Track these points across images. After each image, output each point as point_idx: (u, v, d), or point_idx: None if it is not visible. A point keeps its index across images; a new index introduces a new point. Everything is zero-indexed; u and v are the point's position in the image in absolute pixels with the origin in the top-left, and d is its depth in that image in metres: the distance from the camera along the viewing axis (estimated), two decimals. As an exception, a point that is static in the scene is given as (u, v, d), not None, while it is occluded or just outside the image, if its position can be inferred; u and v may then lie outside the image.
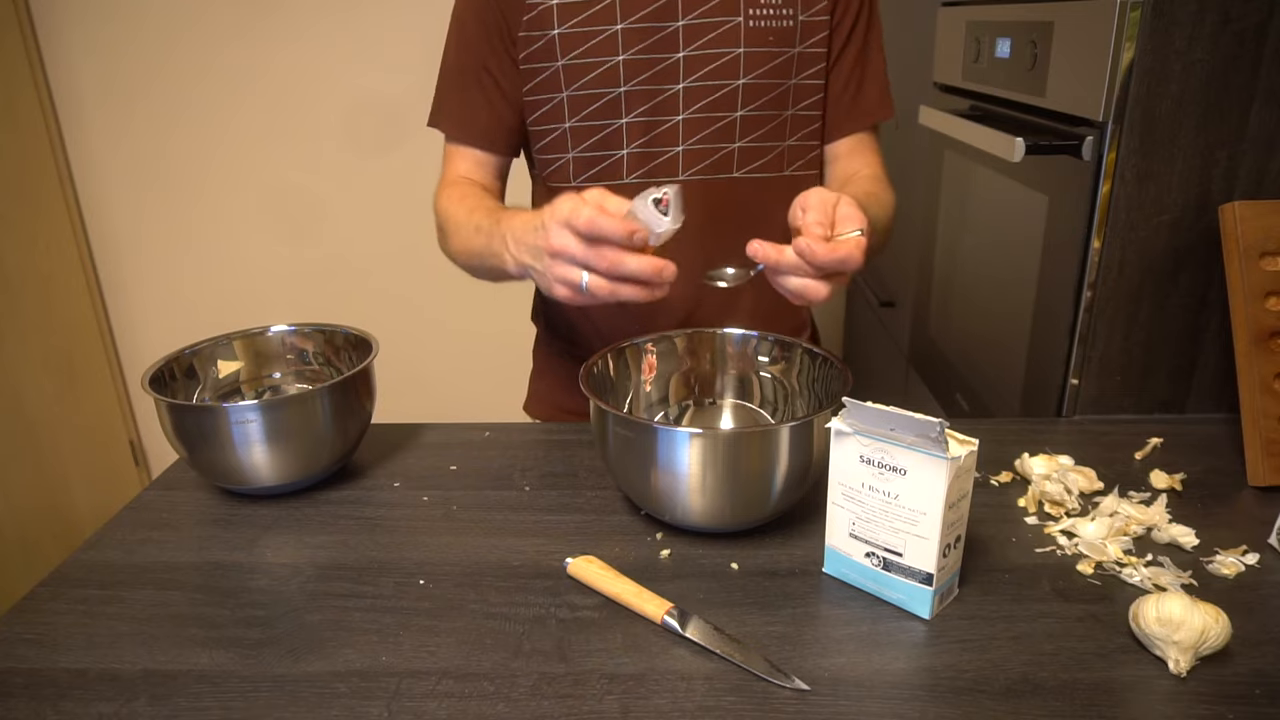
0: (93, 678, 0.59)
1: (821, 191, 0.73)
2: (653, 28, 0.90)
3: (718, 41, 0.91)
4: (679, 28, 0.90)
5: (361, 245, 2.17)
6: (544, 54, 0.91)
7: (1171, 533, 0.70)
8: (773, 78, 0.93)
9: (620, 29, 0.90)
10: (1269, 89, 0.82)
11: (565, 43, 0.90)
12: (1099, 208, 0.87)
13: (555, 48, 0.91)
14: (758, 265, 0.72)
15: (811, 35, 0.94)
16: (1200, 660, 0.57)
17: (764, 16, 0.91)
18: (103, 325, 2.23)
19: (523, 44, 0.92)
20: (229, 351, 0.89)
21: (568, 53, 0.91)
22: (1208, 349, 0.91)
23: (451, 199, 0.95)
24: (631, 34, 0.90)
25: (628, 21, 0.90)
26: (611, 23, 0.90)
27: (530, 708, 0.55)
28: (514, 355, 1.57)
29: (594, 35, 0.90)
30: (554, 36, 0.90)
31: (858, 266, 0.70)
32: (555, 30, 0.90)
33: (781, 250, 0.70)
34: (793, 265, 0.70)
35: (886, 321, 1.71)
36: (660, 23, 0.90)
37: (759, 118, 0.95)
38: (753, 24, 0.91)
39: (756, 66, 0.92)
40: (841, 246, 0.69)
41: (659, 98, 0.92)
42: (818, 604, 0.65)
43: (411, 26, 1.97)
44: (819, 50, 0.95)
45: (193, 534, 0.76)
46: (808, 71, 0.95)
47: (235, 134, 2.08)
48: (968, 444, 0.60)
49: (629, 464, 0.71)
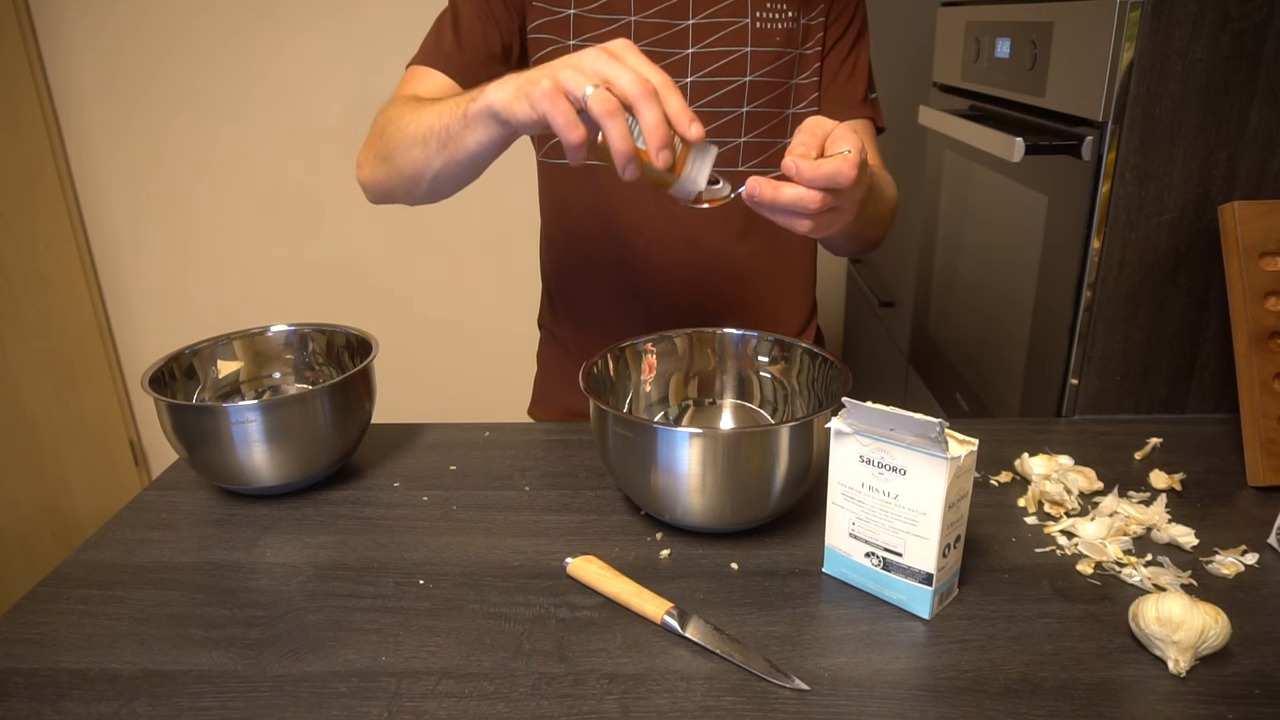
0: (93, 678, 0.59)
1: (817, 117, 0.70)
2: (664, 23, 0.92)
3: (726, 40, 0.93)
4: (689, 25, 0.93)
5: (361, 245, 2.17)
6: (558, 28, 0.93)
7: (1171, 533, 0.70)
8: (776, 77, 0.96)
9: (634, 20, 0.92)
10: (1269, 89, 0.82)
11: (579, 24, 0.92)
12: (1099, 208, 0.87)
13: (569, 26, 0.92)
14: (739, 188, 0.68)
15: (810, 37, 0.97)
16: (1200, 660, 0.57)
17: (770, 19, 0.94)
18: (103, 325, 2.23)
19: (536, 13, 0.92)
20: (229, 351, 0.89)
21: (580, 34, 0.92)
22: (1208, 349, 0.91)
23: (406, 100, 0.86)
24: (644, 27, 0.92)
25: (641, 15, 0.92)
26: (626, 13, 0.92)
27: (530, 708, 0.55)
28: (514, 355, 1.57)
29: (608, 23, 0.92)
30: (569, 16, 0.92)
31: (848, 183, 0.65)
32: (572, 10, 0.92)
33: (778, 187, 0.65)
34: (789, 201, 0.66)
35: (886, 321, 1.71)
36: (672, 19, 0.92)
37: (763, 115, 0.97)
38: (760, 25, 0.94)
39: (762, 65, 0.95)
40: (828, 161, 0.64)
41: None
42: (818, 604, 0.65)
43: (412, 26, 1.96)
44: (816, 50, 0.98)
45: (193, 534, 0.76)
46: (806, 72, 0.98)
47: (235, 134, 2.08)
48: (968, 444, 0.60)
49: (629, 464, 0.71)
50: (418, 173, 0.82)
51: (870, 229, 0.94)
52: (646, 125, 0.62)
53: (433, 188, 0.83)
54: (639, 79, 0.62)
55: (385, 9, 1.97)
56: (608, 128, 0.63)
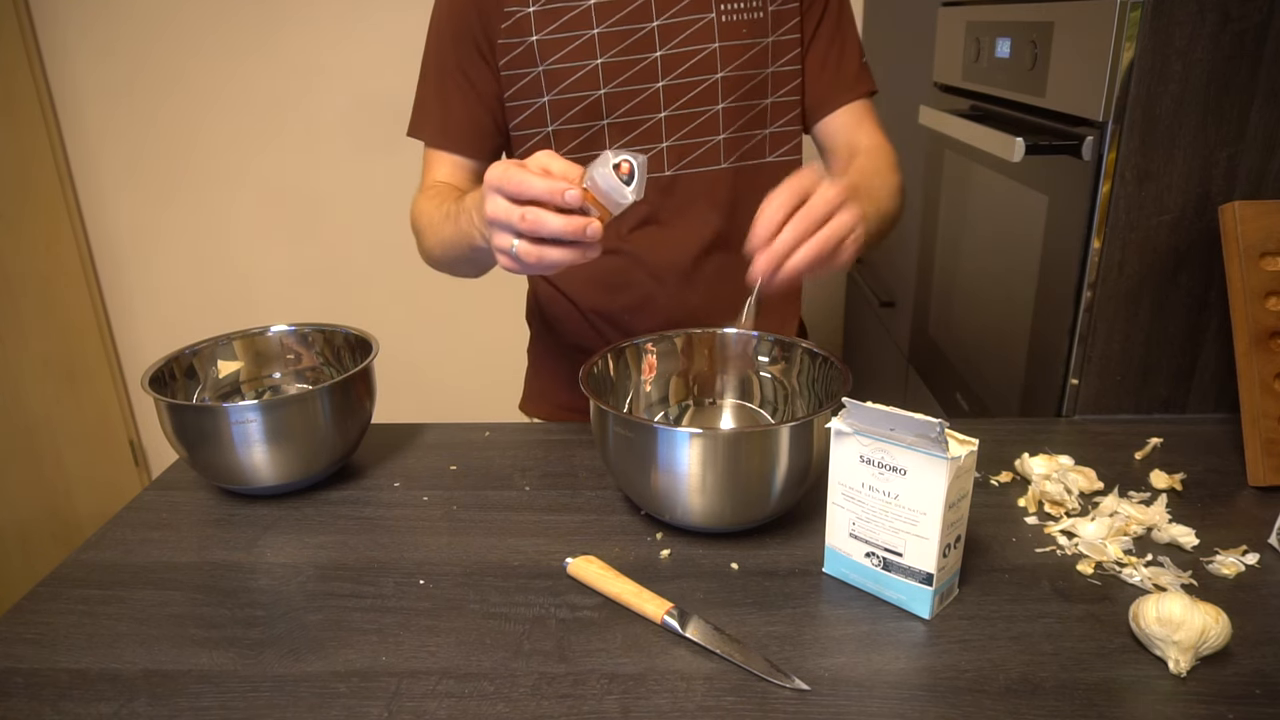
0: (93, 678, 0.59)
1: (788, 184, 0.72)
2: (629, 30, 0.92)
3: (693, 39, 0.93)
4: (654, 28, 0.92)
5: (361, 245, 2.17)
6: (524, 60, 0.93)
7: (1171, 533, 0.70)
8: (750, 68, 0.96)
9: (597, 33, 0.91)
10: (1269, 89, 0.82)
11: (544, 49, 0.92)
12: (1099, 208, 0.87)
13: (535, 53, 0.92)
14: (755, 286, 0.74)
15: (783, 24, 0.96)
16: (1200, 660, 0.57)
17: (735, 10, 0.93)
18: (103, 325, 2.23)
19: (502, 50, 0.93)
20: (229, 351, 0.89)
21: (547, 58, 0.92)
22: (1208, 349, 0.91)
23: (426, 200, 0.95)
24: (609, 37, 0.92)
25: (604, 25, 0.91)
26: (588, 27, 0.91)
27: (530, 708, 0.55)
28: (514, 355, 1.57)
29: (572, 40, 0.91)
30: (533, 43, 0.92)
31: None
32: (534, 37, 0.92)
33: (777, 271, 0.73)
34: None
35: (886, 321, 1.71)
36: (636, 24, 0.92)
37: (740, 108, 0.97)
38: (725, 18, 0.93)
39: (733, 59, 0.94)
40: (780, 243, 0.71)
41: (639, 97, 0.93)
42: (818, 604, 0.65)
43: (412, 26, 1.96)
44: (792, 37, 0.97)
45: (193, 534, 0.76)
46: (783, 59, 0.98)
47: (236, 134, 2.08)
48: (968, 444, 0.60)
49: (629, 464, 0.71)
50: (471, 273, 0.94)
51: (881, 226, 0.94)
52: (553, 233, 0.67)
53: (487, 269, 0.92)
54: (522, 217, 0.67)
55: (386, 9, 1.97)
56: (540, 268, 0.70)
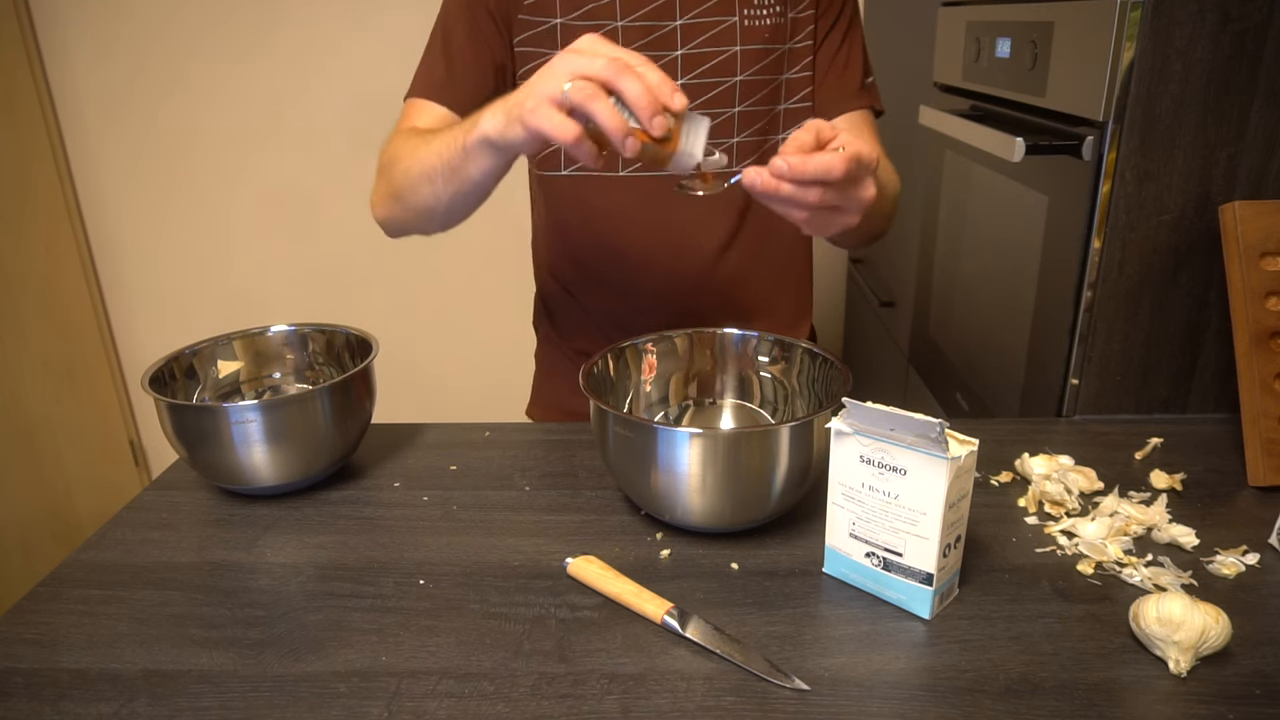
0: (93, 678, 0.59)
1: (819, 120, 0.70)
2: (652, 25, 0.92)
3: (715, 40, 0.93)
4: (677, 27, 0.92)
5: (361, 245, 2.17)
6: (544, 39, 0.92)
7: (1171, 533, 0.70)
8: (767, 74, 0.96)
9: (620, 25, 0.91)
10: (1269, 89, 0.82)
11: (566, 33, 0.91)
12: (1099, 208, 0.87)
13: (556, 36, 0.92)
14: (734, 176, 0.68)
15: (799, 31, 0.97)
16: (1200, 660, 0.57)
17: (758, 15, 0.93)
18: (103, 325, 2.23)
19: (521, 27, 0.92)
20: (229, 351, 0.89)
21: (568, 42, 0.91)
22: (1208, 349, 0.91)
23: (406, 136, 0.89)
24: (631, 31, 0.91)
25: (628, 19, 0.91)
26: (612, 19, 0.91)
27: (530, 708, 0.55)
28: (514, 355, 1.57)
29: (594, 29, 0.91)
30: (556, 25, 0.91)
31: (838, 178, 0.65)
32: (558, 20, 0.91)
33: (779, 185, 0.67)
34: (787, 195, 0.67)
35: (886, 321, 1.71)
36: (659, 21, 0.92)
37: (755, 113, 0.97)
38: (748, 23, 0.93)
39: (752, 63, 0.94)
40: (816, 158, 0.64)
41: None
42: (818, 604, 0.65)
43: (412, 26, 1.97)
44: (806, 44, 0.97)
45: (193, 534, 0.76)
46: (797, 66, 0.98)
47: (235, 134, 2.08)
48: (968, 444, 0.60)
49: (629, 464, 0.71)
50: (429, 208, 0.85)
51: (873, 224, 0.94)
52: (630, 98, 0.62)
53: (446, 218, 0.87)
54: (610, 61, 0.63)
55: (386, 9, 1.97)
56: (592, 112, 0.63)
